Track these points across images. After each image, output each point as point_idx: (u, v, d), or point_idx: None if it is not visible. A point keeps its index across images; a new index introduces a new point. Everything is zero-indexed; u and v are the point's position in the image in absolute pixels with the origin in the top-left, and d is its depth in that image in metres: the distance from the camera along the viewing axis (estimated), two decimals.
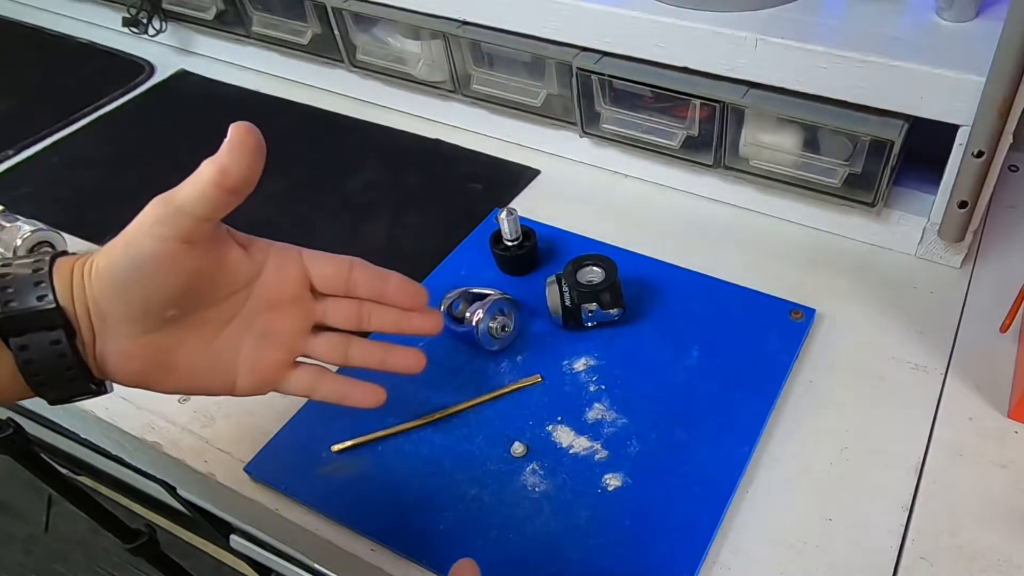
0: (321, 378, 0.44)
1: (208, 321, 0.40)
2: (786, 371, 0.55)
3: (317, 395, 0.44)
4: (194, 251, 0.36)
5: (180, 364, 0.39)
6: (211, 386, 0.41)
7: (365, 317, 0.44)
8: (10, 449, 0.84)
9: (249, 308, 0.41)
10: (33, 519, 1.50)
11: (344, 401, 0.45)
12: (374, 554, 0.49)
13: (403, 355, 0.46)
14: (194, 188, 0.35)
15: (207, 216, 0.35)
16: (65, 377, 0.36)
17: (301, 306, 0.42)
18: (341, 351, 0.45)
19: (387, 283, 0.44)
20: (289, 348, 0.43)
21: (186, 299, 0.38)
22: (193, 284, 0.37)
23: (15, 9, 1.11)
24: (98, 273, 0.36)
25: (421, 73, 0.79)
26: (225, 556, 1.31)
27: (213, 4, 0.89)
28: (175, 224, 0.35)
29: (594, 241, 0.67)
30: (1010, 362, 0.55)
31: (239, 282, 0.40)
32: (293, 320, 0.42)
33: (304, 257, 0.42)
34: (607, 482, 0.50)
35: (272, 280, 0.41)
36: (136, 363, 0.38)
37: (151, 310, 0.37)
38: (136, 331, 0.37)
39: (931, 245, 0.63)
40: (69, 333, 0.36)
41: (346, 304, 0.44)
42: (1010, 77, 0.49)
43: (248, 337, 0.41)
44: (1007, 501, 0.47)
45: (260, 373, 0.42)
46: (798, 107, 0.60)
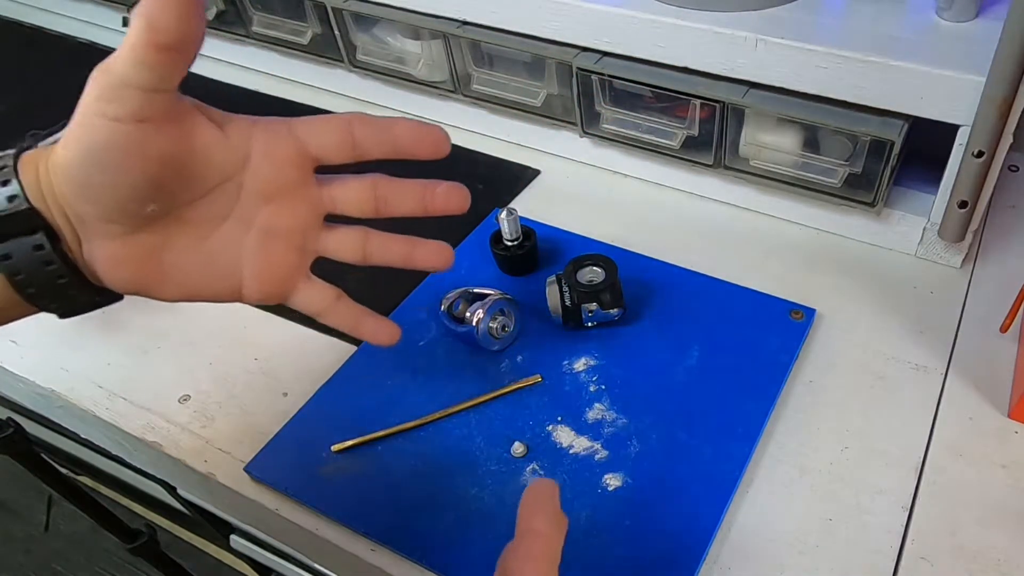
0: (337, 300, 0.40)
1: (197, 218, 0.35)
2: (786, 371, 0.55)
3: (328, 317, 0.40)
4: (154, 132, 0.31)
5: (173, 267, 0.35)
6: (215, 292, 0.37)
7: (382, 201, 0.38)
8: (10, 449, 0.84)
9: (244, 202, 0.36)
10: (33, 519, 1.50)
11: (356, 330, 0.41)
12: (374, 554, 0.49)
13: (431, 249, 0.40)
14: (129, 53, 0.29)
15: (153, 85, 0.30)
16: (58, 286, 0.33)
17: (305, 195, 0.37)
18: (359, 247, 0.39)
19: (393, 131, 0.37)
20: (299, 248, 0.38)
21: (162, 191, 0.33)
22: (164, 172, 0.33)
23: (15, 9, 1.11)
24: (58, 167, 0.32)
25: (421, 73, 0.79)
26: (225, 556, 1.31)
27: (213, 4, 0.89)
28: (121, 100, 0.30)
29: (594, 241, 0.67)
30: (1010, 362, 0.55)
31: (222, 168, 0.35)
32: (298, 213, 0.37)
33: (297, 130, 0.36)
34: (607, 482, 0.50)
35: (264, 166, 0.35)
36: (125, 268, 0.34)
37: (125, 207, 0.33)
38: (117, 231, 0.33)
39: (931, 245, 0.63)
40: (51, 237, 0.32)
41: (357, 187, 0.38)
42: (1010, 77, 0.49)
43: (250, 236, 0.36)
44: (1007, 501, 0.47)
45: (269, 277, 0.38)
46: (798, 107, 0.60)
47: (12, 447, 0.84)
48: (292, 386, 0.59)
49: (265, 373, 0.60)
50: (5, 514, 1.52)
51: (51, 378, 0.62)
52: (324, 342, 0.62)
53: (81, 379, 0.61)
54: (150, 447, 0.57)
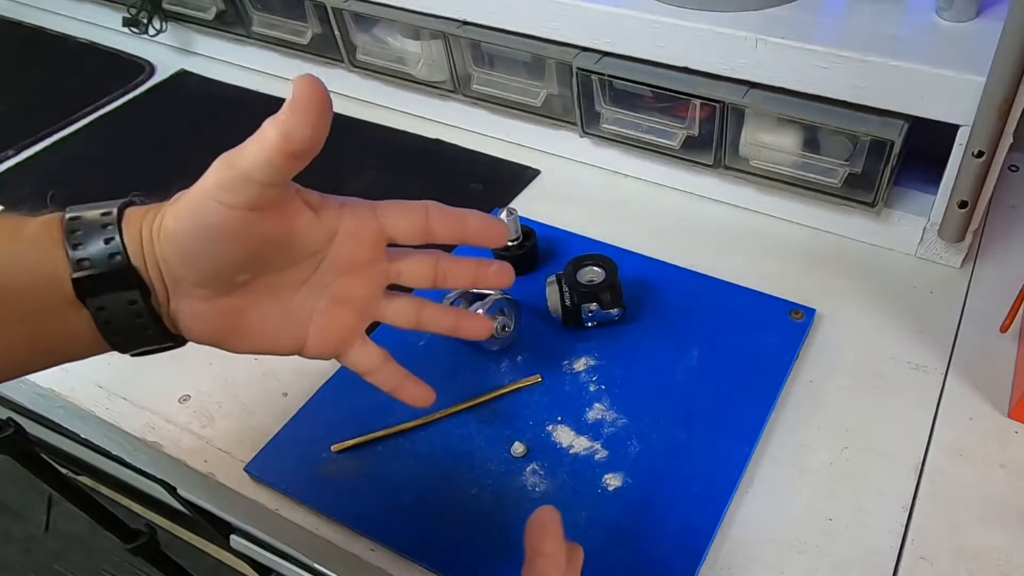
0: (385, 363, 0.43)
1: (281, 285, 0.39)
2: (786, 371, 0.55)
3: (374, 377, 0.43)
4: (262, 218, 0.35)
5: (252, 326, 0.39)
6: (281, 347, 0.40)
7: (440, 276, 0.43)
8: (10, 449, 0.84)
9: (322, 272, 0.39)
10: (33, 519, 1.50)
11: (396, 392, 0.44)
12: (374, 554, 0.49)
13: (475, 321, 0.45)
14: (259, 153, 0.33)
15: (273, 183, 0.34)
16: (143, 335, 0.36)
17: (376, 269, 0.41)
18: (414, 316, 0.43)
19: (466, 224, 0.41)
20: (361, 313, 0.41)
21: (256, 264, 0.37)
22: (263, 250, 0.36)
23: (15, 9, 1.11)
24: (166, 236, 0.35)
25: (421, 73, 0.79)
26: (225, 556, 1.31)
27: (213, 4, 0.89)
28: (241, 191, 0.33)
29: (594, 241, 0.67)
30: (1010, 362, 0.55)
31: (311, 246, 0.38)
32: (368, 285, 0.41)
33: (379, 214, 0.40)
34: (607, 482, 0.50)
35: (347, 244, 0.39)
36: (208, 324, 0.38)
37: (222, 275, 0.36)
38: (208, 294, 0.36)
39: (931, 245, 0.63)
40: (144, 292, 0.35)
41: (421, 263, 0.42)
42: (1010, 77, 0.49)
43: (322, 301, 0.40)
44: (1007, 501, 0.47)
45: (331, 337, 0.41)
46: (798, 107, 0.60)
47: (12, 447, 0.84)
48: (292, 386, 0.59)
49: (265, 373, 0.60)
50: (5, 514, 1.52)
51: (51, 378, 0.62)
52: None
53: (81, 379, 0.61)
54: (150, 447, 0.57)
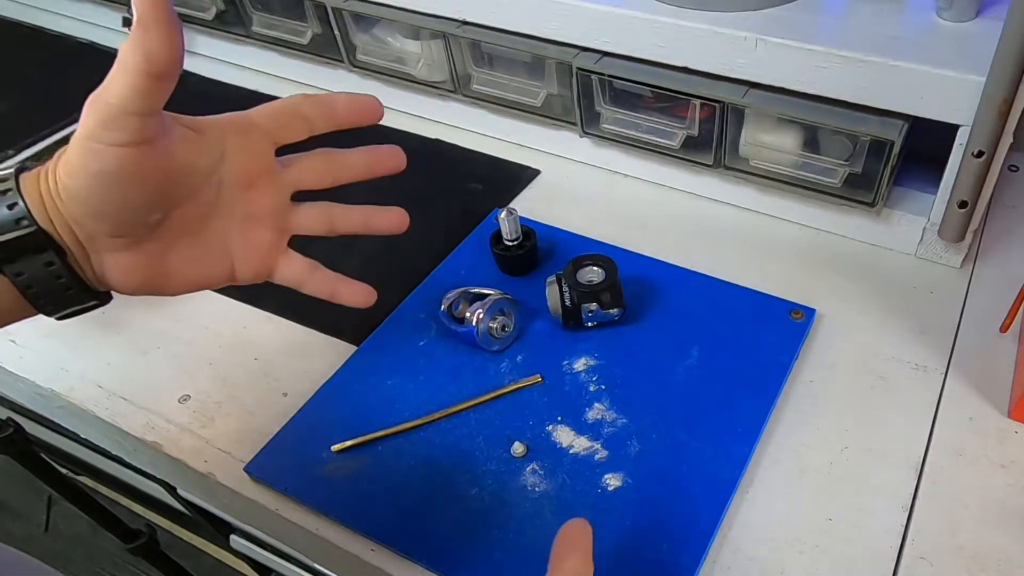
0: (314, 271, 0.44)
1: (191, 218, 0.39)
2: (786, 371, 0.55)
3: (308, 287, 0.44)
4: (150, 151, 0.34)
5: (178, 266, 0.39)
6: (212, 279, 0.41)
7: (336, 169, 0.43)
8: (10, 449, 0.84)
9: (225, 193, 0.40)
10: (33, 519, 1.50)
11: (334, 296, 0.44)
12: (374, 554, 0.49)
13: (387, 214, 0.46)
14: (126, 84, 0.32)
15: (148, 111, 0.33)
16: (65, 296, 0.37)
17: (273, 178, 0.41)
18: (326, 219, 0.44)
19: (335, 107, 0.42)
20: (276, 227, 0.42)
21: (163, 200, 0.37)
22: (163, 184, 0.36)
23: (15, 9, 1.11)
24: (68, 195, 0.35)
25: (421, 73, 0.79)
26: (225, 556, 1.31)
27: (213, 4, 0.89)
28: (122, 127, 0.33)
29: (594, 241, 0.67)
30: (1010, 362, 0.55)
31: (206, 169, 0.38)
32: (270, 195, 0.41)
33: (256, 119, 0.40)
34: (607, 482, 0.50)
35: (237, 158, 0.39)
36: (137, 275, 0.38)
37: (135, 219, 0.36)
38: (127, 243, 0.37)
39: (931, 245, 0.63)
40: (59, 253, 0.35)
41: (312, 161, 0.43)
42: (1010, 77, 0.49)
43: (234, 223, 0.40)
44: (1007, 501, 0.47)
45: (255, 257, 0.42)
46: (798, 107, 0.60)
47: (12, 447, 0.84)
48: (292, 386, 0.59)
49: (265, 373, 0.60)
50: (5, 514, 1.52)
51: (51, 378, 0.62)
52: (324, 342, 0.62)
53: (81, 379, 0.61)
54: (150, 447, 0.57)
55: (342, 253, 0.69)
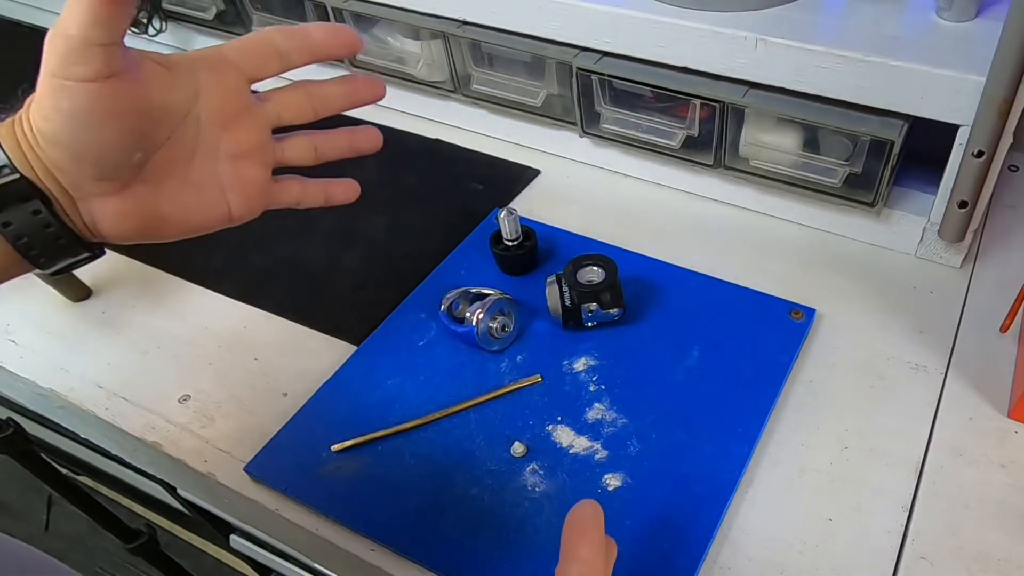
0: (305, 184, 0.44)
1: (175, 160, 0.39)
2: (786, 371, 0.55)
3: (305, 202, 0.44)
4: (121, 86, 0.34)
5: (171, 211, 0.39)
6: (210, 221, 0.41)
7: (315, 100, 0.43)
8: (10, 449, 0.84)
9: (206, 132, 0.39)
10: (33, 519, 1.50)
11: (330, 199, 0.45)
12: (374, 554, 0.49)
13: (365, 133, 0.45)
14: (83, 12, 0.32)
15: (110, 39, 0.33)
16: (56, 246, 0.36)
17: (252, 114, 0.41)
18: (310, 148, 0.44)
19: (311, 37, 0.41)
20: (263, 162, 0.42)
21: (141, 139, 0.36)
22: (140, 123, 0.36)
23: (15, 9, 1.11)
24: (45, 139, 0.34)
25: (421, 73, 0.79)
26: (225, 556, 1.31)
27: (213, 4, 0.89)
28: (87, 59, 0.33)
29: (594, 241, 0.67)
30: (1010, 362, 0.55)
31: (181, 106, 0.38)
32: (253, 131, 0.41)
33: (228, 54, 0.40)
34: (607, 482, 0.50)
35: (213, 94, 0.39)
36: (130, 221, 0.38)
37: (118, 161, 0.36)
38: (114, 187, 0.37)
39: (931, 245, 0.63)
40: (45, 201, 0.35)
41: (291, 94, 0.42)
42: (1010, 77, 0.49)
43: (220, 161, 0.40)
44: (1007, 501, 0.47)
45: (248, 194, 0.41)
46: (798, 107, 0.60)
47: (12, 447, 0.84)
48: (292, 386, 0.59)
49: (265, 373, 0.60)
50: (5, 514, 1.52)
51: (51, 378, 0.62)
52: (324, 342, 0.62)
53: (81, 379, 0.61)
54: (150, 447, 0.57)
55: (341, 252, 0.69)
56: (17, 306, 0.67)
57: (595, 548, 0.36)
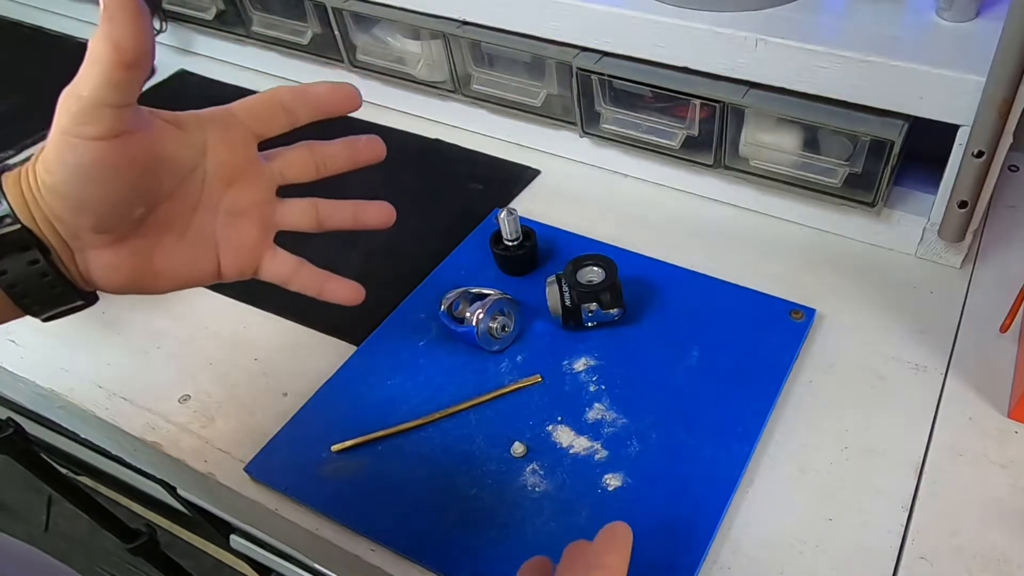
0: (301, 267, 0.44)
1: (176, 214, 0.39)
2: (786, 371, 0.55)
3: (295, 284, 0.44)
4: (129, 143, 0.35)
5: (164, 264, 0.39)
6: (199, 277, 0.41)
7: (320, 162, 0.43)
8: (10, 449, 0.84)
9: (209, 189, 0.40)
10: (33, 519, 1.50)
11: (322, 293, 0.44)
12: (374, 554, 0.49)
13: (375, 209, 0.45)
14: (99, 76, 0.33)
15: (123, 101, 0.34)
16: (51, 294, 0.37)
17: (257, 172, 0.41)
18: (312, 215, 0.44)
19: (315, 95, 0.42)
20: (261, 222, 0.42)
21: (144, 195, 0.37)
22: (144, 178, 0.36)
23: (15, 9, 1.11)
24: (48, 191, 0.35)
25: (421, 73, 0.79)
26: (225, 556, 1.31)
27: (213, 4, 0.89)
28: (97, 120, 0.33)
29: (594, 241, 0.67)
30: (1010, 362, 0.55)
31: (188, 162, 0.39)
32: (255, 189, 0.41)
33: (237, 113, 0.41)
34: (607, 482, 0.50)
35: (220, 151, 0.39)
36: (122, 272, 0.38)
37: (118, 214, 0.36)
38: (111, 239, 0.37)
39: (931, 245, 0.63)
40: (43, 251, 0.35)
41: (296, 153, 0.43)
42: (1010, 77, 0.49)
43: (219, 219, 0.40)
44: (1007, 501, 0.47)
45: (242, 254, 0.42)
46: (798, 107, 0.60)
47: (12, 447, 0.84)
48: (292, 386, 0.59)
49: (265, 373, 0.60)
50: (5, 514, 1.52)
51: (51, 378, 0.62)
52: (324, 342, 0.62)
53: (81, 379, 0.61)
54: (150, 447, 0.57)
55: (341, 252, 0.69)
56: None
57: (623, 560, 0.37)
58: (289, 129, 0.42)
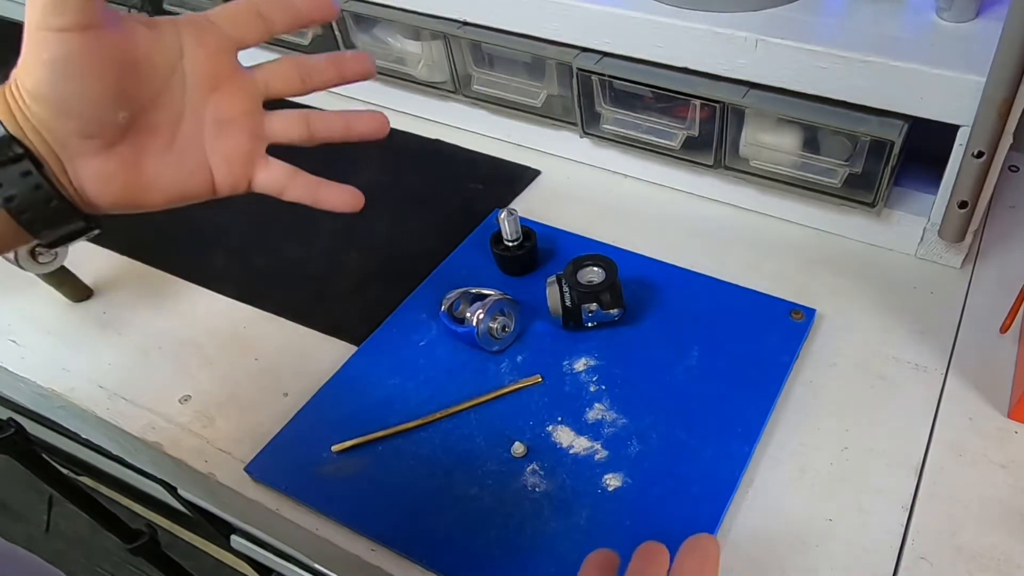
0: (295, 175, 0.43)
1: (161, 123, 0.39)
2: (786, 371, 0.55)
3: (290, 192, 0.43)
4: (101, 39, 0.35)
5: (155, 176, 0.39)
6: (193, 189, 0.41)
7: (305, 75, 0.43)
8: (11, 449, 0.84)
9: (191, 96, 0.40)
10: (34, 519, 1.50)
11: (317, 202, 0.44)
12: (374, 554, 0.49)
13: (367, 118, 0.44)
14: None
15: None
16: (50, 210, 0.37)
17: (240, 81, 0.41)
18: (302, 125, 0.43)
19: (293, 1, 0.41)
20: (250, 132, 0.42)
21: (125, 97, 0.37)
22: (122, 80, 0.36)
23: (15, 9, 1.11)
24: (30, 96, 0.35)
25: (421, 74, 0.79)
26: (226, 556, 1.31)
27: (212, 4, 0.89)
28: (64, 11, 0.34)
29: (594, 241, 0.67)
30: (1010, 362, 0.55)
31: (165, 65, 0.39)
32: (240, 99, 0.41)
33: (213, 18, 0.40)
34: (607, 482, 0.50)
35: (198, 55, 0.39)
36: (113, 183, 0.38)
37: (101, 116, 0.36)
38: (99, 145, 0.37)
39: (931, 245, 0.63)
40: (35, 163, 0.36)
41: (279, 65, 0.42)
42: (1010, 77, 0.49)
43: (206, 129, 0.40)
44: (1007, 501, 0.47)
45: (233, 165, 0.41)
46: (798, 107, 0.60)
47: (13, 447, 0.84)
48: (292, 386, 0.59)
49: (265, 373, 0.60)
50: (6, 514, 1.52)
51: (52, 378, 0.62)
52: (324, 342, 0.62)
53: (82, 379, 0.61)
54: (150, 447, 0.57)
55: (342, 251, 0.69)
56: (18, 306, 0.68)
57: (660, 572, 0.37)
58: (267, 37, 0.41)
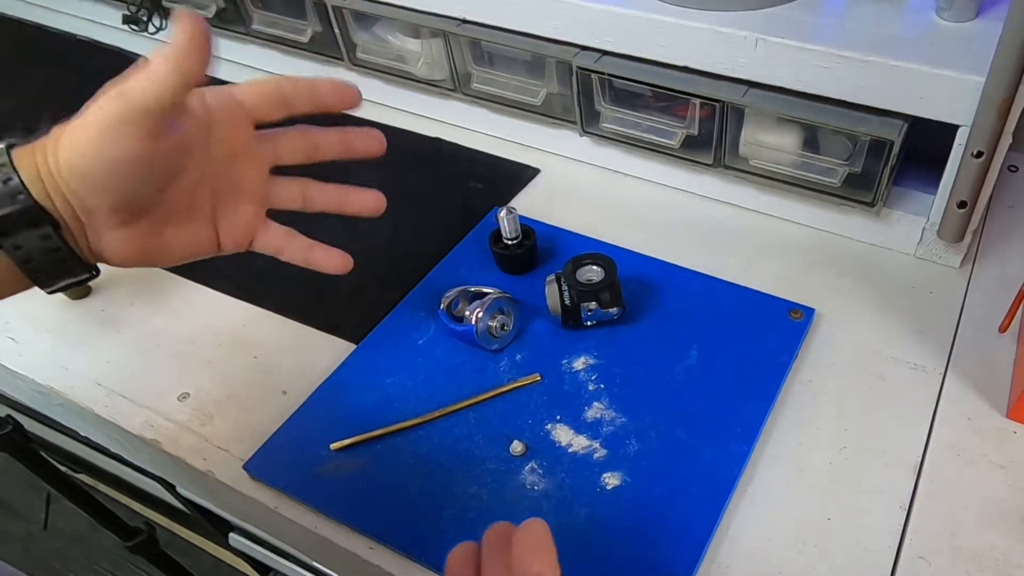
0: (290, 238, 0.45)
1: (183, 190, 0.40)
2: (785, 371, 0.55)
3: (285, 253, 0.45)
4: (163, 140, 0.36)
5: (172, 239, 0.41)
6: (202, 250, 0.42)
7: (312, 147, 0.44)
8: (9, 447, 0.84)
9: (211, 167, 0.41)
10: (32, 517, 1.50)
11: (309, 262, 0.45)
12: (373, 552, 0.49)
13: (362, 195, 0.46)
14: (155, 89, 0.34)
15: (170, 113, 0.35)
16: (63, 268, 0.38)
17: (254, 152, 0.43)
18: (299, 194, 0.45)
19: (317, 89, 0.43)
20: (257, 198, 0.43)
21: (164, 178, 0.38)
22: (167, 165, 0.38)
23: (15, 7, 1.11)
24: (72, 171, 0.36)
25: (421, 72, 0.79)
26: (224, 554, 1.31)
27: (213, 2, 0.89)
28: (142, 124, 0.34)
29: (594, 240, 0.67)
30: (1009, 362, 0.55)
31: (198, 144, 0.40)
32: (253, 167, 0.43)
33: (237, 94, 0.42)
34: (606, 481, 0.50)
35: (225, 131, 0.41)
36: (132, 246, 0.39)
37: (137, 195, 0.37)
38: (126, 218, 0.38)
39: (931, 245, 0.63)
40: (55, 226, 0.36)
41: (292, 136, 0.44)
42: (1010, 77, 0.49)
43: (220, 196, 0.42)
44: (1006, 501, 0.47)
45: (238, 228, 0.43)
46: (798, 107, 0.60)
47: (11, 445, 0.84)
48: (291, 384, 0.59)
49: (264, 371, 0.60)
50: (4, 512, 1.52)
51: (50, 376, 0.62)
52: (323, 340, 0.62)
53: (80, 377, 0.61)
54: (149, 445, 0.57)
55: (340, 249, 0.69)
56: (17, 304, 0.67)
57: (550, 564, 0.36)
58: (286, 118, 0.43)
